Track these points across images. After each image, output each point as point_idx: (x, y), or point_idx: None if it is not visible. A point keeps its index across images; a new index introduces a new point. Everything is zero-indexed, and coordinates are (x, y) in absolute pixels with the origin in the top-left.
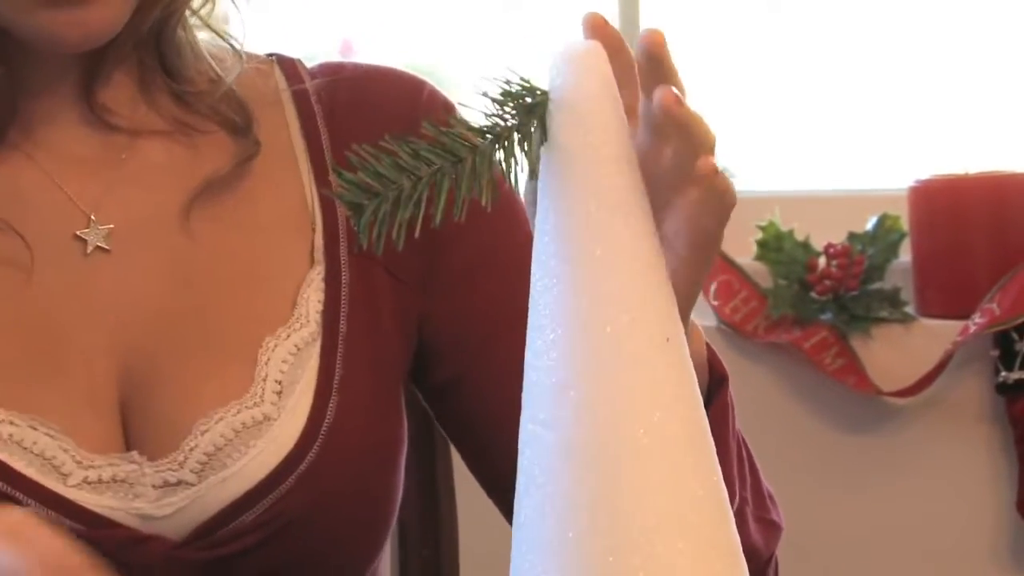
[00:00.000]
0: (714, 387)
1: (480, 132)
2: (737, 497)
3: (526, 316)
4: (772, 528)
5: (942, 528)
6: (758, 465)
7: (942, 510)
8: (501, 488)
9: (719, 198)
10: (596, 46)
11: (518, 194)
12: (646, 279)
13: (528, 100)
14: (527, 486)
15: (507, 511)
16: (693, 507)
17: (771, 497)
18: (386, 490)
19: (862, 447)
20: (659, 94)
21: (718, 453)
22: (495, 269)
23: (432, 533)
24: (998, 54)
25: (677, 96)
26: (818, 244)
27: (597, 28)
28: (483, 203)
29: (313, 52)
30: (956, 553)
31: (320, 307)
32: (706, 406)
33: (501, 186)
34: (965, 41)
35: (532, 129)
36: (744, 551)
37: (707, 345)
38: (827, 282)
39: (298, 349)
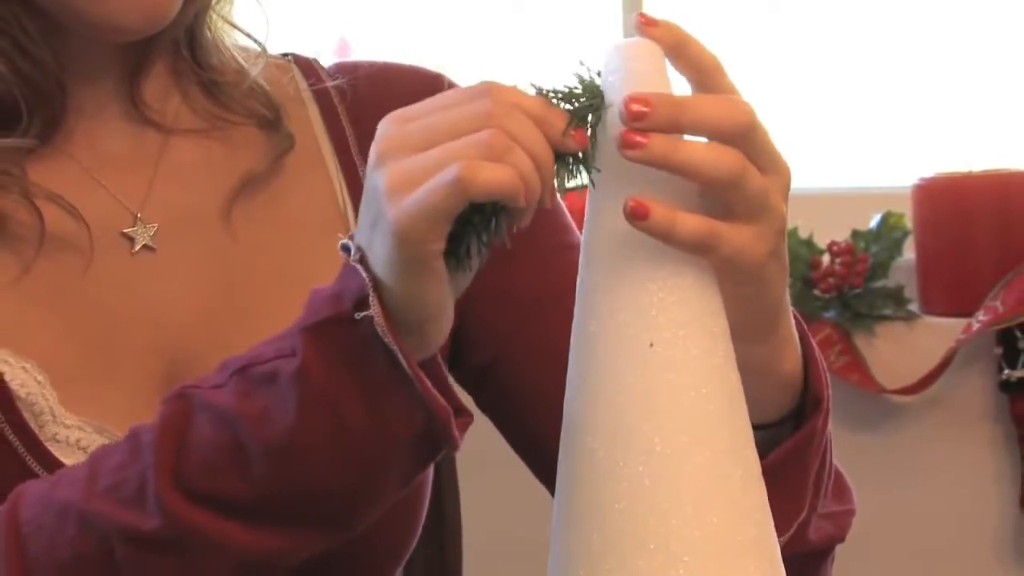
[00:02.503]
0: (809, 410)
1: None
2: (805, 511)
3: (563, 294)
4: (841, 516)
5: (945, 525)
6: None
7: (945, 508)
8: (548, 466)
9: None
10: (652, 43)
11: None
12: (693, 279)
13: (584, 97)
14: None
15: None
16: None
17: (843, 487)
18: (419, 490)
19: (865, 445)
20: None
21: (792, 479)
22: (531, 249)
23: (436, 530)
24: (1002, 52)
25: (648, 16)
26: (822, 242)
27: (647, 27)
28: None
29: (309, 51)
30: (959, 550)
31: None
32: (796, 428)
33: None
34: (969, 39)
35: (589, 124)
36: (808, 552)
37: (818, 370)
38: (831, 280)
39: None
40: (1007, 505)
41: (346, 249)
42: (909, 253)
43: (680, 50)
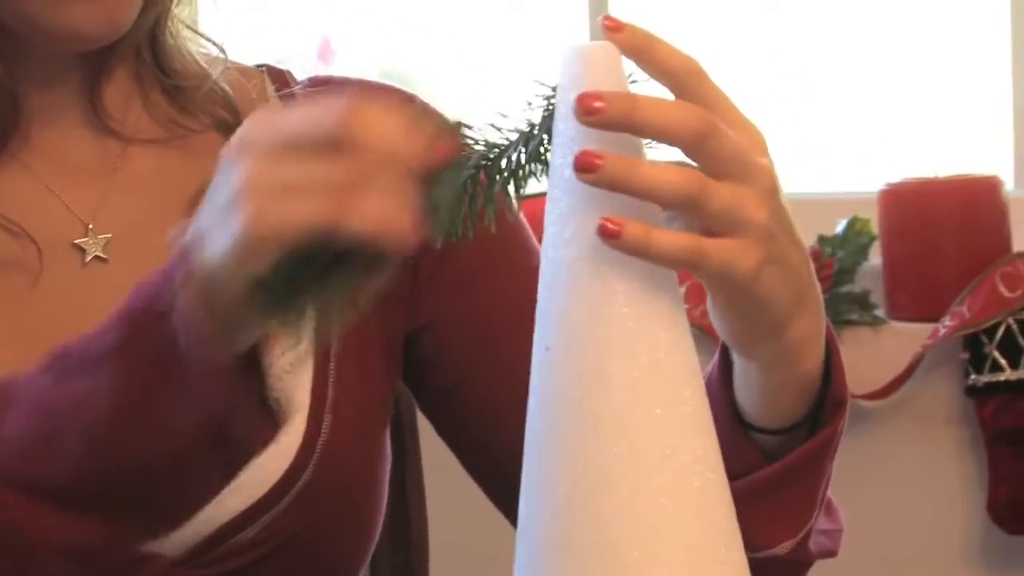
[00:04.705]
0: (830, 413)
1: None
2: (814, 518)
3: (525, 316)
4: (834, 533)
5: (912, 531)
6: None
7: (912, 513)
8: (504, 491)
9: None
10: (608, 46)
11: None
12: (653, 293)
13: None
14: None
15: (510, 515)
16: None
17: (832, 506)
18: (374, 503)
19: None
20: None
21: (808, 483)
22: (495, 272)
23: (402, 539)
24: (967, 59)
25: (614, 19)
26: None
27: (611, 32)
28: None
29: (292, 52)
30: (927, 556)
31: (312, 324)
32: (810, 431)
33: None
34: (935, 45)
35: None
36: (803, 562)
37: (841, 373)
38: None
39: (291, 367)
40: (974, 509)
41: (178, 236)
42: (875, 258)
43: (647, 55)
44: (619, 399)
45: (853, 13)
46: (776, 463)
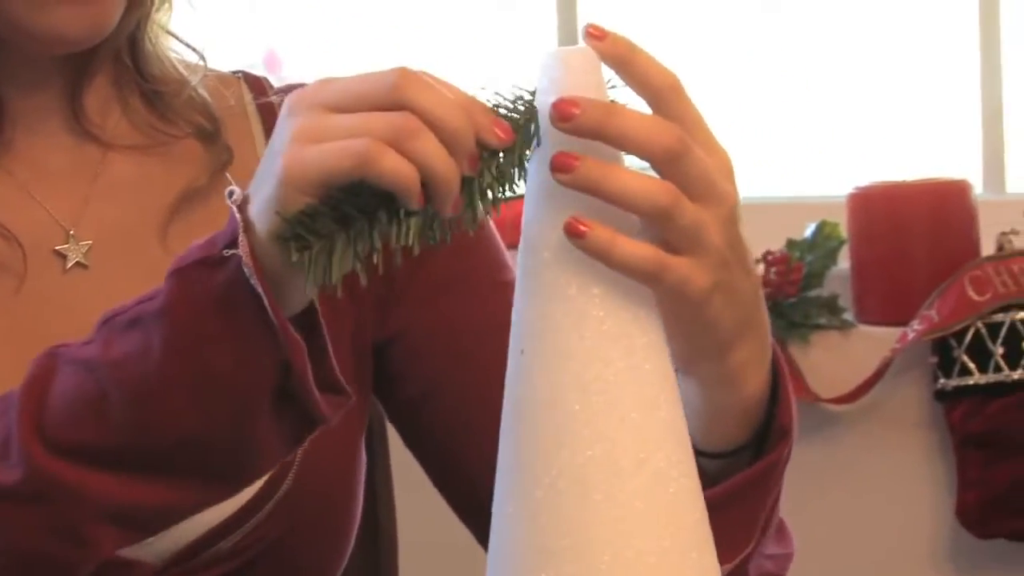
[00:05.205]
0: (775, 440)
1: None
2: (752, 544)
3: (498, 330)
4: (782, 558)
5: (881, 535)
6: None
7: (881, 517)
8: (470, 505)
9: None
10: (588, 51)
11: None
12: (625, 296)
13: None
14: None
15: (476, 530)
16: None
17: (784, 530)
18: (351, 508)
19: (800, 454)
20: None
21: (748, 508)
22: (469, 285)
23: (371, 540)
24: (936, 62)
25: (597, 27)
26: (756, 251)
27: (593, 40)
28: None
29: (238, 63)
30: (895, 560)
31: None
32: (755, 457)
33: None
34: (903, 49)
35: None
36: None
37: (787, 400)
38: (765, 289)
39: None
40: (943, 514)
41: (231, 195)
42: (844, 262)
43: (627, 66)
44: (594, 403)
45: (820, 19)
46: (715, 487)
